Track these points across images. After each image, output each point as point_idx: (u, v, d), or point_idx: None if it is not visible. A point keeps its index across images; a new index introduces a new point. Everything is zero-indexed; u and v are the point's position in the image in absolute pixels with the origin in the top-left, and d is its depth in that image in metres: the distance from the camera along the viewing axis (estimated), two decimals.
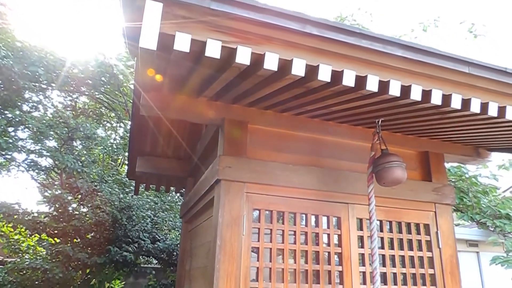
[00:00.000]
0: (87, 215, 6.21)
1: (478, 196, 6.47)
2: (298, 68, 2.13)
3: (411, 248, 3.50)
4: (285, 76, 2.18)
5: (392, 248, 3.44)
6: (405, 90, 2.35)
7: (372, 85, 2.26)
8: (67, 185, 6.10)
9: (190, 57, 2.14)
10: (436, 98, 2.39)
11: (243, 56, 2.02)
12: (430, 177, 3.75)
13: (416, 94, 2.35)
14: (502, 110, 2.58)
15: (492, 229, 6.07)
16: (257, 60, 2.11)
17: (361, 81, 2.26)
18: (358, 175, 3.39)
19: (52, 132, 6.64)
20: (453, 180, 6.70)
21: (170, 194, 8.74)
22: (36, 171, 6.45)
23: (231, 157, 3.11)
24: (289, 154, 3.39)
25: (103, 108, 8.67)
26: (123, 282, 8.44)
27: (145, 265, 8.29)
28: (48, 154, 6.19)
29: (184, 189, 5.80)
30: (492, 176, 6.71)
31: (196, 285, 3.89)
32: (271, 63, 2.07)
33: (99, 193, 6.26)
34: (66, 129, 6.31)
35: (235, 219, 2.98)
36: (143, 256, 8.03)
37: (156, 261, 8.26)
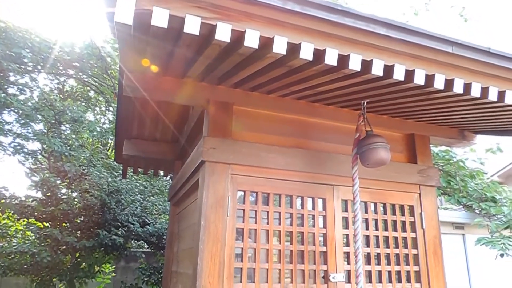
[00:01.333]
0: (76, 199, 6.18)
1: (465, 180, 6.54)
2: (280, 46, 2.10)
3: (395, 229, 3.54)
4: (266, 54, 2.15)
5: (376, 229, 3.48)
6: (388, 70, 2.34)
7: (355, 64, 2.24)
8: (54, 169, 6.04)
9: (170, 34, 2.10)
10: (419, 78, 2.38)
11: (223, 33, 1.98)
12: (415, 159, 3.77)
13: (399, 74, 2.34)
14: (485, 91, 2.58)
15: (478, 211, 6.15)
16: (238, 37, 2.07)
17: (344, 60, 2.24)
18: (344, 157, 3.39)
19: (39, 116, 6.54)
20: (441, 164, 6.77)
21: (161, 179, 8.73)
22: (23, 154, 6.37)
23: (215, 139, 3.09)
24: (275, 136, 3.37)
25: (92, 91, 8.56)
26: (114, 266, 8.48)
27: (136, 249, 8.34)
28: (34, 137, 6.12)
29: (172, 173, 5.79)
30: (479, 160, 6.79)
31: (183, 266, 3.91)
32: (252, 40, 2.04)
33: (87, 177, 6.22)
34: (52, 112, 6.21)
35: (220, 200, 2.98)
36: (134, 241, 8.05)
37: (148, 246, 8.30)
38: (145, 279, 7.13)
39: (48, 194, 6.14)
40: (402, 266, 3.45)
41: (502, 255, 5.12)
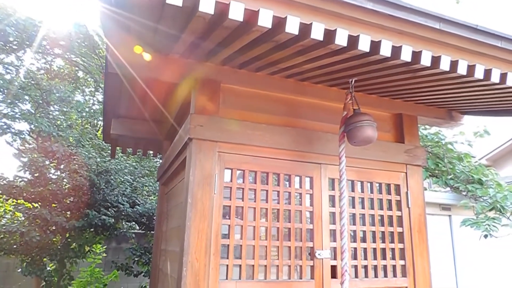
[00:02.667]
0: (65, 180, 6.15)
1: (453, 162, 6.61)
2: (266, 20, 2.06)
3: (381, 208, 3.58)
4: (252, 28, 2.13)
5: (363, 207, 3.52)
6: (375, 46, 2.32)
7: (341, 39, 2.22)
8: (42, 149, 5.98)
9: (152, 7, 2.06)
10: (406, 55, 2.37)
11: (207, 5, 1.94)
12: (403, 139, 3.79)
13: (386, 50, 2.33)
14: (471, 69, 2.58)
15: (464, 193, 6.25)
16: (223, 10, 2.03)
17: (330, 35, 2.22)
18: (332, 136, 3.40)
19: (26, 97, 6.43)
20: (429, 146, 6.83)
21: (151, 160, 8.70)
22: (10, 135, 6.28)
23: (203, 116, 3.07)
24: (263, 114, 3.36)
25: (80, 71, 8.41)
26: (105, 247, 8.51)
27: (126, 230, 8.36)
28: (21, 117, 6.02)
29: (161, 153, 5.77)
30: (467, 142, 6.85)
31: (172, 244, 3.94)
32: (236, 13, 2.01)
33: (76, 158, 6.17)
34: (39, 91, 6.10)
35: (207, 178, 2.98)
36: (125, 222, 8.06)
37: (139, 228, 8.32)
38: (136, 259, 7.17)
39: (37, 174, 6.09)
40: (387, 243, 3.50)
41: (486, 236, 5.22)
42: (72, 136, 6.62)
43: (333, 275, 3.23)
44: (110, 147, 5.99)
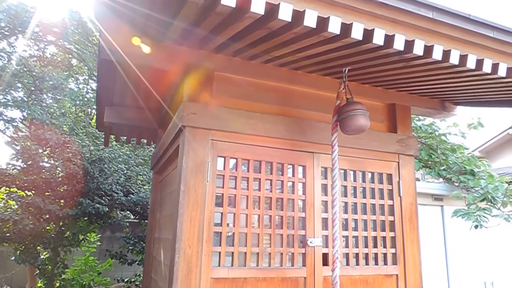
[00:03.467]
0: (58, 168, 6.12)
1: (446, 153, 6.67)
2: (258, 6, 2.05)
3: (373, 197, 3.61)
4: (244, 14, 2.11)
5: (355, 196, 3.55)
6: (368, 34, 2.32)
7: (334, 27, 2.21)
8: (35, 137, 5.94)
9: None
10: (399, 44, 2.38)
11: None
12: (395, 129, 3.82)
13: (379, 38, 2.32)
14: (463, 59, 2.59)
15: (456, 184, 6.31)
16: None
17: (323, 22, 2.21)
18: (325, 125, 3.41)
19: (19, 84, 6.36)
20: (423, 137, 6.87)
21: (145, 149, 8.68)
22: (3, 122, 6.23)
23: (196, 104, 3.07)
24: (257, 102, 3.36)
25: (74, 59, 8.33)
26: (99, 235, 8.52)
27: (121, 219, 8.37)
28: (14, 105, 5.97)
29: (155, 141, 5.76)
30: (461, 134, 6.90)
31: (165, 232, 3.96)
32: None
33: (69, 146, 6.14)
34: (32, 78, 6.04)
35: (200, 165, 2.99)
36: (119, 211, 8.07)
37: (134, 217, 8.34)
38: (130, 247, 7.20)
39: (29, 162, 6.06)
40: (379, 232, 3.54)
41: (476, 227, 5.29)
42: (65, 124, 6.58)
43: (325, 262, 3.27)
44: (104, 136, 5.97)
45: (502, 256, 6.32)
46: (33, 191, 6.30)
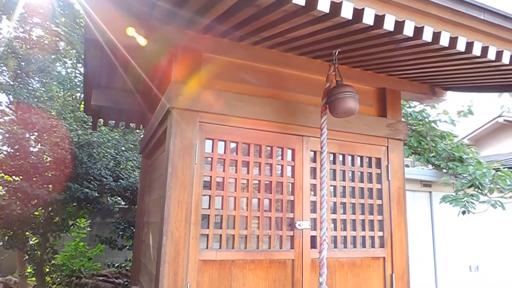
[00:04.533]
0: (46, 152, 6.03)
1: (435, 140, 6.71)
2: None
3: (361, 180, 3.62)
4: None
5: (343, 180, 3.55)
6: (358, 14, 2.28)
7: (324, 5, 2.17)
8: (22, 121, 5.83)
9: None
10: (389, 24, 2.34)
11: None
12: (385, 113, 3.81)
13: (369, 18, 2.29)
14: (453, 41, 2.57)
15: (445, 170, 6.36)
16: None
17: (312, 1, 2.17)
18: (315, 108, 3.39)
19: (4, 68, 6.21)
20: (413, 124, 6.90)
21: (136, 134, 8.60)
22: None
23: (184, 85, 3.02)
24: (245, 85, 3.33)
25: (61, 42, 8.15)
26: (89, 221, 8.48)
27: (111, 205, 8.33)
28: None
29: (144, 125, 5.70)
30: (451, 121, 6.94)
31: (154, 216, 3.94)
32: None
33: (57, 130, 6.04)
34: (17, 60, 5.89)
35: (187, 148, 2.96)
36: (109, 196, 8.01)
37: (124, 203, 8.29)
38: (120, 233, 7.17)
39: (16, 147, 5.96)
40: (367, 215, 3.56)
41: (464, 213, 5.36)
42: (53, 109, 6.46)
43: (313, 245, 3.28)
44: (92, 120, 5.89)
45: (487, 241, 6.43)
46: (20, 176, 6.20)
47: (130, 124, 5.81)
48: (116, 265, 8.11)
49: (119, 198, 8.28)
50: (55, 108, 6.67)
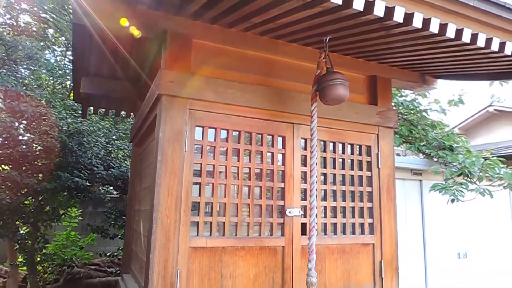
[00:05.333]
0: (35, 141, 5.97)
1: (426, 129, 6.75)
2: None
3: (352, 168, 3.64)
4: None
5: (334, 167, 3.57)
6: (348, 0, 2.26)
7: None
8: (10, 109, 5.74)
9: None
10: (379, 10, 2.32)
11: None
12: (376, 101, 3.82)
13: (359, 4, 2.27)
14: (443, 28, 2.56)
15: (435, 159, 6.42)
16: None
17: None
18: (305, 95, 3.38)
19: None
20: (405, 113, 6.93)
21: (127, 123, 8.52)
22: None
23: (173, 72, 2.99)
24: (236, 72, 3.30)
25: (50, 29, 7.99)
26: (81, 210, 8.45)
27: (103, 194, 8.30)
28: None
29: (134, 114, 5.65)
30: (442, 110, 6.99)
31: (144, 204, 3.93)
32: None
33: (46, 118, 5.97)
34: (3, 47, 5.77)
35: (177, 135, 2.94)
36: (101, 186, 7.97)
37: (116, 192, 8.25)
38: (112, 222, 7.16)
39: (5, 135, 5.88)
40: (357, 202, 3.59)
41: (453, 201, 5.42)
42: (42, 96, 6.36)
43: (303, 232, 3.30)
44: (81, 108, 5.82)
45: (475, 228, 6.53)
46: (9, 165, 6.14)
47: (121, 112, 5.77)
48: (108, 254, 8.11)
49: (111, 188, 8.24)
50: (44, 96, 6.57)
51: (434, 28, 2.51)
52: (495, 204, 6.70)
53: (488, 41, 2.69)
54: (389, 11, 2.38)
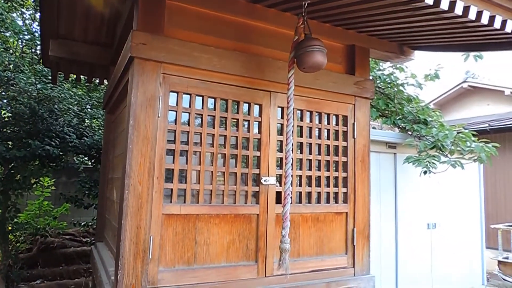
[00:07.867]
0: (3, 107, 5.72)
1: (402, 103, 6.83)
2: None
3: (328, 138, 3.65)
4: None
5: (310, 137, 3.56)
6: None
7: None
8: None
9: None
10: None
11: None
12: (353, 71, 3.80)
13: None
14: None
15: (410, 133, 6.53)
16: None
17: None
18: (283, 63, 3.31)
19: None
20: (382, 87, 6.97)
21: (101, 91, 8.24)
22: None
23: (146, 34, 2.86)
24: (212, 36, 3.19)
25: None
26: (54, 180, 8.27)
27: (77, 164, 8.12)
28: None
29: (108, 81, 5.46)
30: (418, 84, 7.07)
31: (117, 172, 3.85)
32: None
33: (14, 83, 5.70)
34: None
35: (150, 100, 2.85)
36: (74, 154, 7.77)
37: (90, 161, 8.07)
38: (86, 191, 7.04)
39: None
40: (332, 172, 3.62)
41: (425, 172, 5.56)
42: (9, 61, 6.04)
43: (278, 200, 3.31)
44: (51, 73, 5.57)
45: (445, 200, 6.76)
46: None
47: (93, 78, 5.55)
48: (82, 224, 8.02)
49: (85, 158, 8.05)
50: (12, 60, 6.24)
51: None
52: (465, 178, 6.93)
53: (466, 9, 2.67)
54: None
